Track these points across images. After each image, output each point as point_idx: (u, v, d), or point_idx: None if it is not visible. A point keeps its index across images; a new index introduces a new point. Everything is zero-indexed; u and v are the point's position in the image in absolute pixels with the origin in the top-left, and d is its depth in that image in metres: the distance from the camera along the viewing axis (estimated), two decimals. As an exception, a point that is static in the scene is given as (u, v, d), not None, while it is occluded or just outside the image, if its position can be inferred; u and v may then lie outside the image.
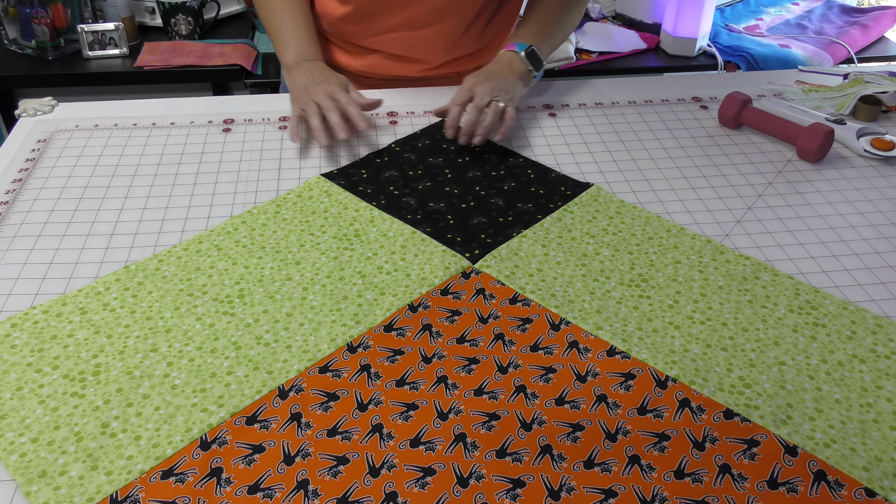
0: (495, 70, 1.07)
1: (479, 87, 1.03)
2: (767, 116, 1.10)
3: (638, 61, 2.02)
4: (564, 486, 0.61)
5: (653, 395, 0.69)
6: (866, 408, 0.68)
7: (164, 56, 1.91)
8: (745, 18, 2.19)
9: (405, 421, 0.66)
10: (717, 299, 0.79)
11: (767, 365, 0.72)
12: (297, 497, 0.59)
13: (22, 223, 0.90)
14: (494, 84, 1.03)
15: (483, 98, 1.02)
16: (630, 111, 1.17)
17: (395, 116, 1.14)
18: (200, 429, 0.65)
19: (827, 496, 0.60)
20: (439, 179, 0.98)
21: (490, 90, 1.03)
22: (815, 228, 0.91)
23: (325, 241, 0.87)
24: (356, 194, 0.95)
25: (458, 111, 1.03)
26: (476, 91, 1.03)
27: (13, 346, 0.72)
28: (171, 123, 1.11)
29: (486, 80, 1.04)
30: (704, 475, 0.62)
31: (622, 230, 0.89)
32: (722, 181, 1.00)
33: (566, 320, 0.76)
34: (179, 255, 0.84)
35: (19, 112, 1.13)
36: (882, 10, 2.16)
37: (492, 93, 1.02)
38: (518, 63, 1.09)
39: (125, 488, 0.60)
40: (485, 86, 1.03)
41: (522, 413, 0.67)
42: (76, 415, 0.66)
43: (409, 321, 0.76)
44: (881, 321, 0.77)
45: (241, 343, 0.73)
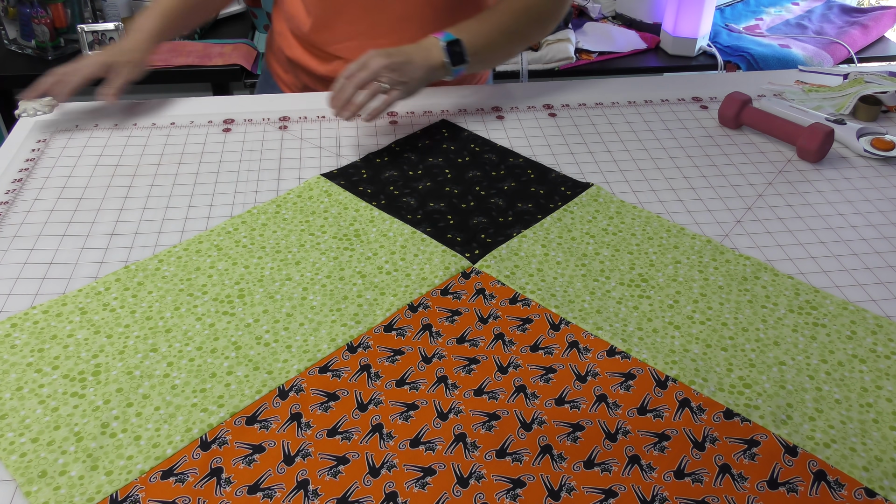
0: (406, 50, 1.02)
1: (373, 62, 0.98)
2: (767, 116, 1.10)
3: (638, 61, 2.02)
4: (564, 486, 0.61)
5: (653, 395, 0.69)
6: (866, 408, 0.68)
7: (164, 56, 1.91)
8: (745, 18, 2.19)
9: (405, 421, 0.66)
10: (717, 299, 0.79)
11: (767, 365, 0.72)
12: (297, 497, 0.59)
13: (22, 223, 0.90)
14: (391, 62, 0.99)
15: (368, 74, 0.98)
16: (630, 111, 1.17)
17: (395, 116, 1.14)
18: (200, 429, 0.65)
19: (827, 496, 0.60)
20: (439, 179, 0.98)
21: (383, 67, 0.98)
22: (815, 228, 0.91)
23: (325, 241, 0.87)
24: (356, 194, 0.95)
25: (342, 83, 0.99)
26: (368, 65, 0.98)
27: (13, 346, 0.72)
28: (171, 123, 1.11)
29: (385, 56, 0.99)
30: (704, 475, 0.62)
31: (622, 230, 0.89)
32: (722, 181, 1.00)
33: (566, 320, 0.76)
34: (179, 255, 0.84)
35: (19, 112, 1.13)
36: (882, 10, 2.16)
37: (384, 70, 0.98)
38: (436, 52, 1.03)
39: (125, 488, 0.60)
40: (380, 61, 0.98)
41: (522, 413, 0.67)
42: (76, 415, 0.66)
43: (409, 321, 0.76)
44: (881, 321, 0.77)
45: (241, 343, 0.73)
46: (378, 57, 0.98)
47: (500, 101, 1.19)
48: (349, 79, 0.98)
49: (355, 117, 1.00)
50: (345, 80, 0.99)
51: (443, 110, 1.16)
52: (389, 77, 0.99)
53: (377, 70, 0.98)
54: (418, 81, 1.02)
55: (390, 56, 0.99)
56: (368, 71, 0.98)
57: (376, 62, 0.98)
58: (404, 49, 1.02)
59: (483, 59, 1.08)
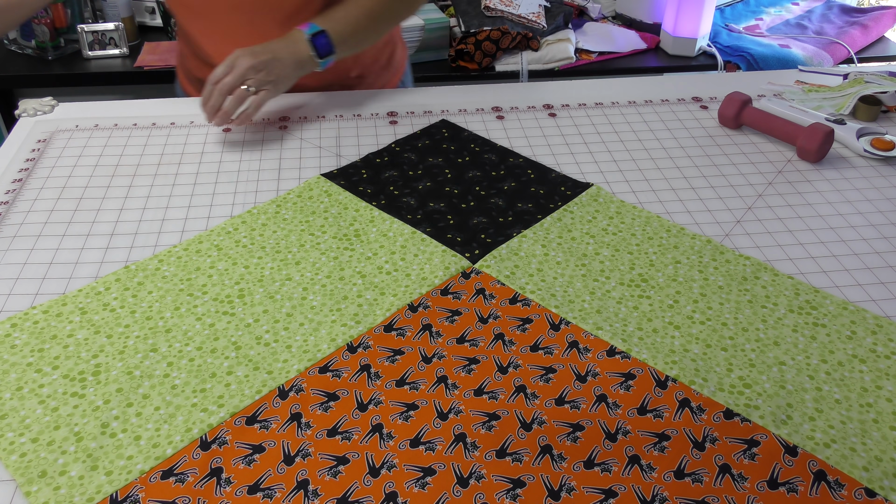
0: (272, 47, 1.01)
1: (239, 63, 0.97)
2: (767, 116, 1.10)
3: (638, 61, 2.02)
4: (564, 486, 0.61)
5: (653, 395, 0.69)
6: (866, 408, 0.68)
7: (164, 56, 1.91)
8: (745, 18, 2.19)
9: (405, 421, 0.66)
10: (717, 299, 0.79)
11: (767, 365, 0.72)
12: (297, 497, 0.59)
13: (22, 223, 0.90)
14: (258, 62, 0.98)
15: (234, 79, 0.97)
16: (630, 111, 1.17)
17: (394, 116, 1.14)
18: (200, 429, 0.65)
19: (827, 496, 0.60)
20: (439, 179, 0.98)
21: (249, 68, 0.97)
22: (815, 228, 0.91)
23: (325, 241, 0.87)
24: (356, 194, 0.95)
25: (210, 91, 0.98)
26: (235, 67, 0.97)
27: (13, 346, 0.72)
28: (171, 123, 1.11)
29: (251, 56, 0.98)
30: (704, 475, 0.62)
31: (622, 230, 0.89)
32: (722, 181, 1.00)
33: (566, 320, 0.76)
34: (179, 255, 0.84)
35: (19, 112, 1.13)
36: (882, 10, 2.16)
37: (250, 72, 0.97)
38: (302, 45, 1.02)
39: (125, 488, 0.60)
40: (245, 62, 0.97)
41: (522, 413, 0.67)
42: (76, 415, 0.66)
43: (409, 321, 0.76)
44: (881, 321, 0.77)
45: (241, 343, 0.73)
46: (244, 57, 0.98)
47: (500, 101, 1.19)
48: (216, 84, 0.98)
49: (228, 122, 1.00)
50: (212, 87, 0.98)
51: (443, 110, 1.16)
52: (256, 78, 0.98)
53: (244, 72, 0.97)
54: (287, 78, 1.02)
55: (256, 55, 0.98)
56: (235, 74, 0.97)
57: (242, 63, 0.97)
58: (270, 46, 1.01)
59: (352, 46, 1.08)
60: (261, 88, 0.99)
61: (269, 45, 1.01)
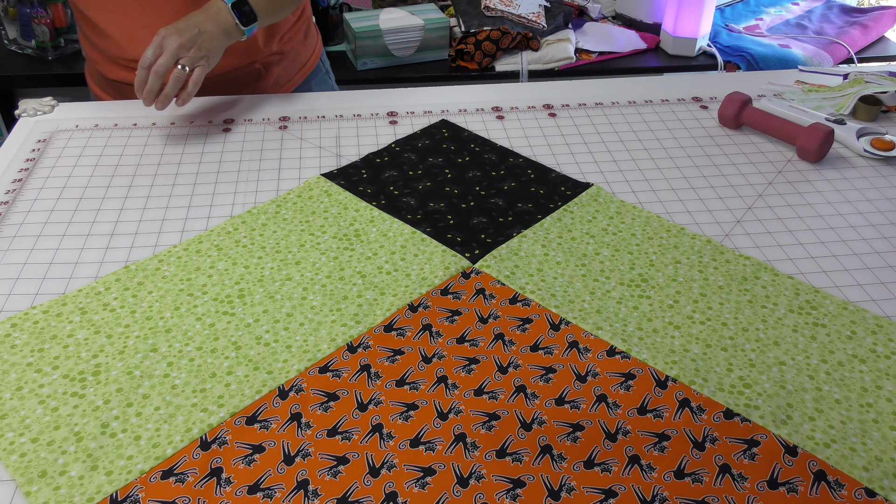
0: (196, 21, 1.00)
1: (168, 43, 0.96)
2: (767, 116, 1.10)
3: (638, 61, 2.02)
4: (564, 486, 0.61)
5: (653, 395, 0.69)
6: (866, 408, 0.68)
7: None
8: (745, 18, 2.19)
9: (405, 421, 0.66)
10: (717, 299, 0.79)
11: (767, 365, 0.72)
12: (297, 497, 0.59)
13: (22, 223, 0.90)
14: (187, 39, 0.97)
15: (168, 59, 0.95)
16: (630, 111, 1.17)
17: (395, 116, 1.14)
18: (200, 429, 0.65)
19: (827, 496, 0.60)
20: (439, 179, 0.98)
21: (179, 47, 0.96)
22: (815, 228, 0.91)
23: (325, 241, 0.87)
24: (356, 194, 0.95)
25: (143, 75, 0.97)
26: (164, 48, 0.96)
27: (13, 346, 0.72)
28: (171, 123, 1.11)
29: (177, 33, 0.97)
30: (704, 475, 0.62)
31: (622, 230, 0.89)
32: (722, 181, 1.00)
33: (566, 320, 0.77)
34: (179, 255, 0.84)
35: (19, 112, 1.13)
36: (882, 10, 2.16)
37: (180, 50, 0.96)
38: (225, 15, 1.01)
39: (125, 488, 0.60)
40: (174, 41, 0.96)
41: (522, 413, 0.67)
42: (76, 415, 0.66)
43: (409, 321, 0.76)
44: (881, 321, 0.77)
45: (241, 343, 0.73)
46: (171, 37, 0.97)
47: (500, 101, 1.19)
48: (150, 69, 0.96)
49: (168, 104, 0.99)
50: (145, 71, 0.97)
51: (443, 110, 1.16)
52: (189, 56, 0.97)
53: (175, 51, 0.96)
54: (217, 50, 1.01)
55: (182, 33, 0.97)
56: (167, 55, 0.96)
57: (171, 43, 0.96)
58: (193, 20, 1.00)
59: (271, 12, 1.08)
60: (195, 65, 0.98)
61: (192, 19, 1.00)
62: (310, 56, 1.31)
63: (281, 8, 1.11)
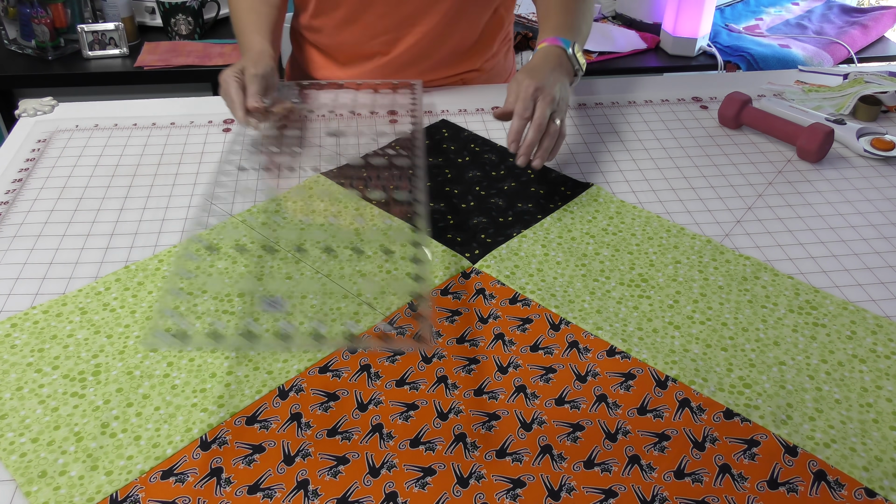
0: (550, 69, 0.95)
1: (541, 98, 0.91)
2: (767, 116, 1.10)
3: (638, 61, 2.02)
4: (564, 486, 0.61)
5: (653, 395, 0.69)
6: (866, 408, 0.68)
7: (164, 56, 1.91)
8: (745, 18, 2.19)
9: (405, 421, 0.66)
10: (717, 299, 0.79)
11: (767, 365, 0.72)
12: (297, 497, 0.59)
13: (22, 223, 0.90)
14: (554, 93, 0.91)
15: (545, 113, 0.89)
16: (630, 111, 1.17)
17: (394, 116, 1.14)
18: (200, 429, 0.65)
19: (827, 496, 0.60)
20: (439, 179, 0.98)
21: (551, 102, 0.90)
22: (815, 228, 0.91)
23: (325, 239, 0.87)
24: (356, 192, 0.95)
25: (520, 125, 0.90)
26: (539, 102, 0.90)
27: (13, 346, 0.72)
28: (171, 123, 1.11)
29: (546, 86, 0.92)
30: (704, 475, 0.62)
31: (622, 230, 0.90)
32: (722, 181, 1.00)
33: (566, 320, 0.77)
34: (180, 255, 0.84)
35: (19, 112, 1.13)
36: (882, 10, 2.16)
37: (552, 105, 0.90)
38: (566, 62, 0.98)
39: (125, 488, 0.60)
40: (546, 96, 0.91)
41: (522, 413, 0.67)
42: (76, 415, 0.66)
43: (409, 321, 0.76)
44: (881, 321, 0.77)
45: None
46: (542, 91, 0.91)
47: (500, 101, 1.19)
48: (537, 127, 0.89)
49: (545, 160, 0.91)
50: (522, 121, 0.90)
51: (443, 110, 1.16)
52: (560, 109, 0.92)
53: (549, 106, 0.90)
54: (567, 101, 0.96)
55: (552, 86, 0.92)
56: (543, 109, 0.90)
57: (545, 97, 0.90)
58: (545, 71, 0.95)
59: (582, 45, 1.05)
60: (562, 118, 0.93)
61: (545, 73, 0.94)
62: (508, 75, 1.32)
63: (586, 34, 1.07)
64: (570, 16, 1.04)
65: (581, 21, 1.05)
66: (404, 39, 1.14)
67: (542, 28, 1.05)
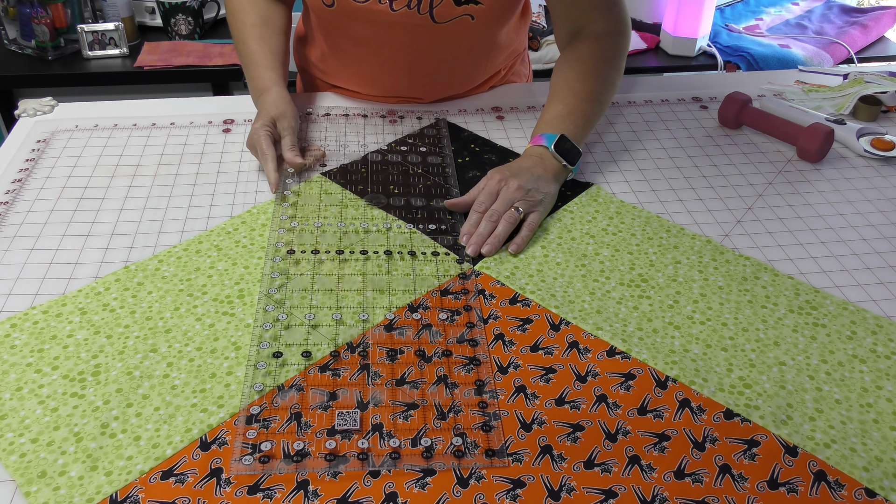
0: (525, 166, 0.92)
1: (504, 189, 0.88)
2: (767, 116, 1.10)
3: (638, 61, 2.02)
4: (564, 487, 0.61)
5: (653, 395, 0.69)
6: (866, 408, 0.68)
7: (164, 56, 1.91)
8: (745, 18, 2.19)
9: (405, 421, 0.66)
10: (717, 299, 0.79)
11: (767, 365, 0.72)
12: (297, 497, 0.59)
13: (22, 223, 0.90)
14: (523, 183, 0.89)
15: (503, 205, 0.87)
16: (630, 111, 1.17)
17: (394, 116, 1.14)
18: (200, 429, 0.65)
19: (827, 496, 0.60)
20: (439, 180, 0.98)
21: (516, 191, 0.88)
22: (815, 228, 0.91)
23: (325, 240, 0.87)
24: (356, 193, 0.95)
25: (476, 219, 0.88)
26: (500, 194, 0.88)
27: (13, 347, 0.72)
28: (171, 123, 1.11)
29: (514, 177, 0.90)
30: (705, 475, 0.62)
31: (622, 230, 0.89)
32: (722, 181, 1.00)
33: (566, 320, 0.76)
34: (179, 256, 0.84)
35: (19, 112, 1.13)
36: (882, 10, 2.16)
37: (517, 193, 0.88)
38: (549, 160, 0.93)
39: (125, 489, 0.60)
40: (510, 187, 0.88)
41: (523, 413, 0.67)
42: (76, 415, 0.66)
43: (409, 321, 0.76)
44: (881, 321, 0.77)
45: (241, 343, 0.73)
46: (509, 180, 0.89)
47: (500, 101, 1.19)
48: (483, 213, 0.88)
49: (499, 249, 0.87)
50: (478, 215, 0.88)
51: (443, 110, 1.16)
52: (525, 200, 0.88)
53: (512, 195, 0.88)
54: (552, 196, 0.92)
55: (518, 176, 0.90)
56: (504, 199, 0.88)
57: (510, 185, 0.88)
58: (519, 165, 0.93)
59: (587, 133, 0.99)
60: (531, 210, 0.89)
61: (519, 166, 0.92)
62: (524, 79, 1.31)
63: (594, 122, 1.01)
64: (571, 101, 0.98)
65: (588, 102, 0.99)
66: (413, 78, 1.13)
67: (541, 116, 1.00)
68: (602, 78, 1.01)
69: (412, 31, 1.03)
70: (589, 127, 0.99)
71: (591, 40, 1.03)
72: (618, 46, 1.04)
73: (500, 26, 1.09)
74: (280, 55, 1.07)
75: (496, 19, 1.06)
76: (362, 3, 1.01)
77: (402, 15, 1.01)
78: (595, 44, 1.03)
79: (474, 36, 1.07)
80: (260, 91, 1.03)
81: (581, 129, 0.97)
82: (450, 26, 1.03)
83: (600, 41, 1.03)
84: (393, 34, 1.04)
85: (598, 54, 1.02)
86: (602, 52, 1.02)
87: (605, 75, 1.01)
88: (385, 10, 1.01)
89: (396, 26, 1.03)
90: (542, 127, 0.97)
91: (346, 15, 1.03)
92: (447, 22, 1.02)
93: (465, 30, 1.04)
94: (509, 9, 1.06)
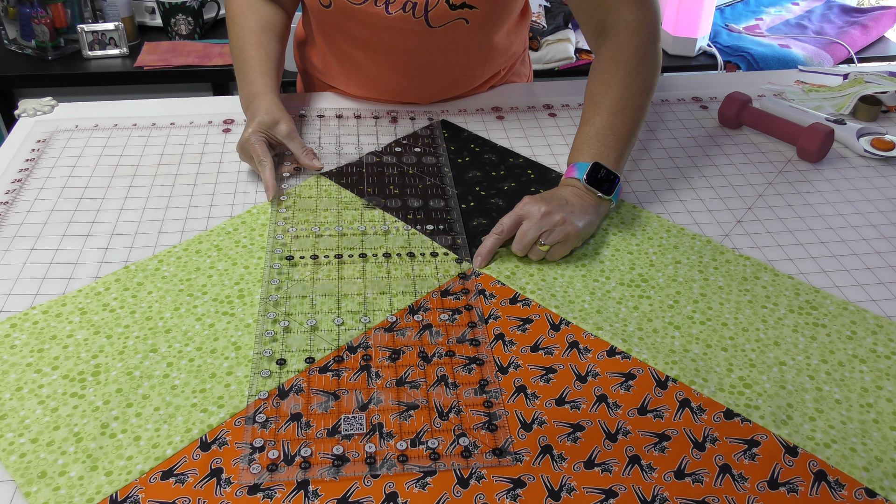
0: (560, 195, 0.86)
1: (530, 210, 0.83)
2: (767, 116, 1.10)
3: (638, 61, 2.01)
4: (564, 487, 0.61)
5: (653, 395, 0.69)
6: (866, 408, 0.68)
7: (164, 56, 1.91)
8: (745, 18, 2.19)
9: (405, 420, 0.66)
10: (717, 299, 0.79)
11: (768, 365, 0.72)
12: (297, 497, 0.59)
13: (22, 223, 0.90)
14: (554, 207, 0.83)
15: (528, 236, 0.82)
16: (630, 111, 1.17)
17: (394, 115, 1.13)
18: (200, 429, 0.65)
19: (827, 496, 0.60)
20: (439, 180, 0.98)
21: (542, 223, 0.82)
22: (815, 228, 0.91)
23: (324, 244, 0.87)
24: (356, 193, 0.95)
25: (495, 242, 0.84)
26: (528, 215, 0.83)
27: (13, 347, 0.72)
28: (171, 123, 1.11)
29: (543, 201, 0.84)
30: (705, 475, 0.62)
31: (622, 230, 0.89)
32: (722, 181, 1.00)
33: (566, 320, 0.76)
34: (179, 256, 0.84)
35: (19, 112, 1.13)
36: (882, 10, 2.16)
37: (542, 227, 0.82)
38: (583, 193, 0.87)
39: (125, 489, 0.60)
40: (538, 208, 0.83)
41: (523, 413, 0.67)
42: (76, 415, 0.66)
43: (409, 322, 0.76)
44: (881, 321, 0.77)
45: (241, 343, 0.73)
46: (535, 204, 0.84)
47: (500, 101, 1.19)
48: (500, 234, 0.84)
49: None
50: (496, 237, 0.84)
51: (443, 110, 1.16)
52: (553, 234, 0.83)
53: (539, 221, 0.83)
54: (588, 227, 0.86)
55: (549, 201, 0.84)
56: (529, 232, 0.83)
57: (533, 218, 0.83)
58: (554, 193, 0.87)
59: (624, 147, 0.90)
60: (554, 242, 0.83)
61: (554, 194, 0.86)
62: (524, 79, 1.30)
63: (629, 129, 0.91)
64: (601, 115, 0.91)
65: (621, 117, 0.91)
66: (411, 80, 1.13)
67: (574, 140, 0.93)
68: (627, 82, 0.91)
69: (408, 34, 1.03)
70: (623, 141, 0.90)
71: (613, 37, 0.95)
72: (644, 33, 0.94)
73: (496, 30, 1.09)
74: (276, 63, 1.06)
75: (491, 23, 1.06)
76: (358, 5, 1.00)
77: (397, 18, 1.01)
78: (617, 41, 0.94)
79: (470, 40, 1.07)
80: (253, 95, 1.01)
81: (613, 149, 0.89)
82: (445, 30, 1.03)
83: (623, 34, 0.94)
84: (389, 37, 1.04)
85: (618, 54, 0.93)
86: (624, 46, 0.93)
87: (631, 76, 0.92)
88: (381, 12, 1.01)
89: (392, 29, 1.03)
90: (573, 155, 0.91)
91: (342, 17, 1.03)
92: (442, 26, 1.02)
93: (461, 34, 1.04)
94: (505, 13, 1.06)
